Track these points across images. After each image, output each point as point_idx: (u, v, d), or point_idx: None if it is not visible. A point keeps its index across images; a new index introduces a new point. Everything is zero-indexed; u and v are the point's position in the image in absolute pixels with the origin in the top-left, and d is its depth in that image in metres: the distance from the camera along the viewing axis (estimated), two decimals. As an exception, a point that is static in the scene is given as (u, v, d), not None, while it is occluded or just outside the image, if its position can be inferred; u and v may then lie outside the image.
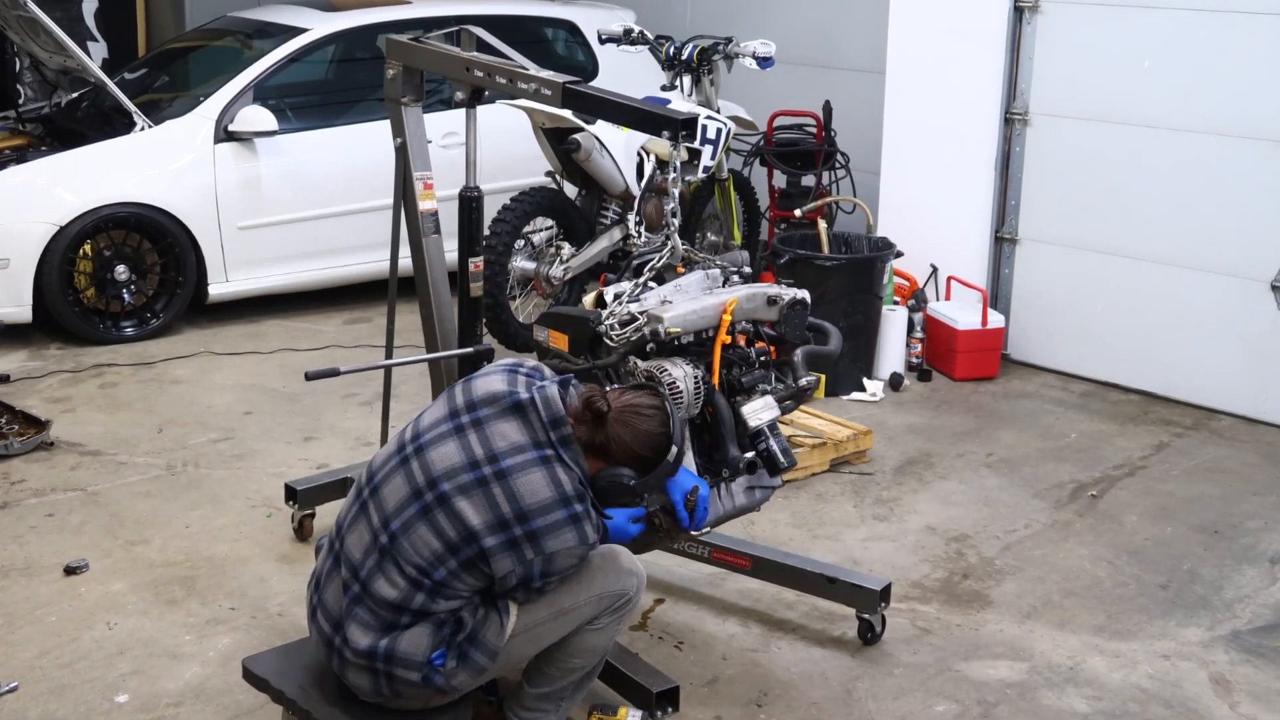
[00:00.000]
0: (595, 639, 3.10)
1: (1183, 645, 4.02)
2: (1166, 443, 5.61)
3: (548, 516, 2.85)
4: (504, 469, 2.87)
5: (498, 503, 2.85)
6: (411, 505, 2.91)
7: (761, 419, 3.47)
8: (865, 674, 3.82)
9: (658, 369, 3.33)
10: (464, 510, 2.86)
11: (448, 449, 2.92)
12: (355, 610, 2.95)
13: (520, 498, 2.85)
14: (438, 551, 2.87)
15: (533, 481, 2.86)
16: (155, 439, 5.40)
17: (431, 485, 2.90)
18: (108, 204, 6.44)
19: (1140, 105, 5.96)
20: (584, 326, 3.43)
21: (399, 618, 2.92)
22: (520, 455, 2.88)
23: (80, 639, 3.91)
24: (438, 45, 4.43)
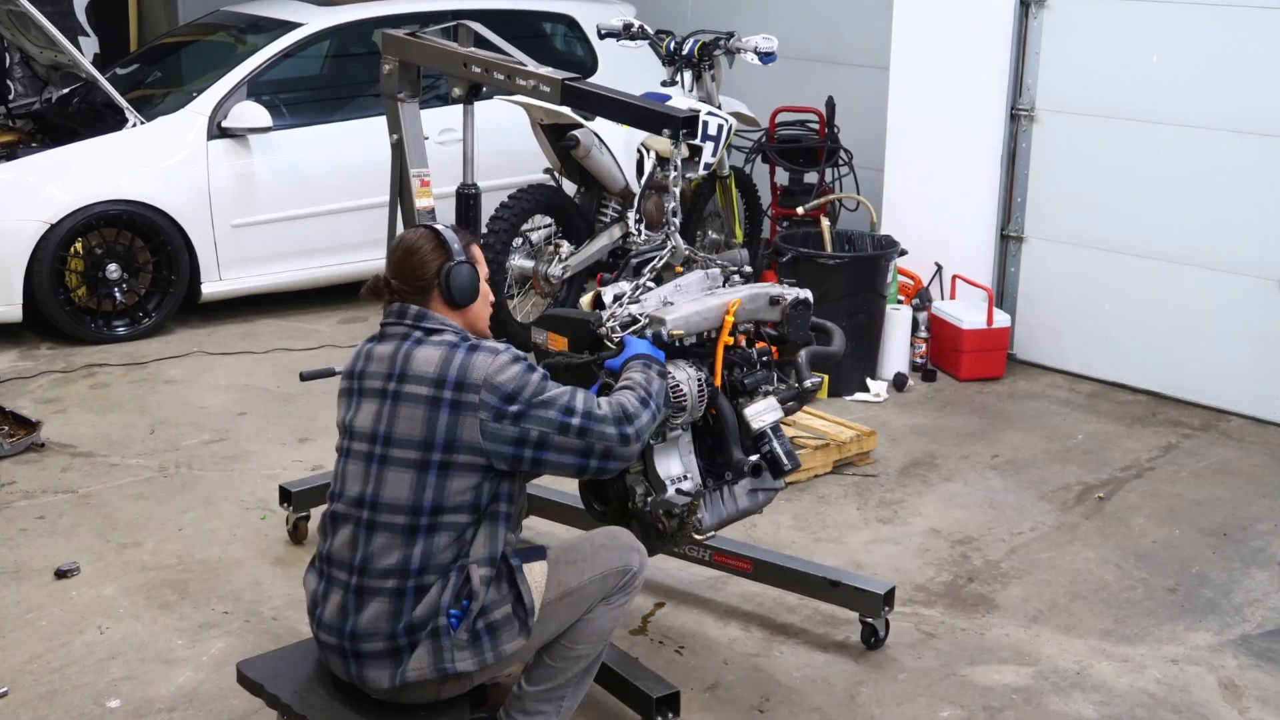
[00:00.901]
0: (601, 622, 3.11)
1: (1191, 650, 4.03)
2: (1175, 444, 5.61)
3: (453, 363, 2.95)
4: (399, 374, 3.00)
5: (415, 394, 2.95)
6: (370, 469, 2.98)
7: (765, 421, 3.47)
8: (869, 679, 3.83)
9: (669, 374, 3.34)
10: (402, 428, 2.94)
11: (363, 410, 3.05)
12: (362, 603, 2.95)
13: (424, 374, 2.95)
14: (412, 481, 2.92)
15: (421, 357, 2.99)
16: (147, 440, 5.41)
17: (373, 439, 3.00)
18: (99, 201, 6.45)
19: (1148, 101, 5.97)
20: (584, 329, 3.44)
21: (417, 520, 2.92)
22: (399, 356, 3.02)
23: (71, 643, 3.91)
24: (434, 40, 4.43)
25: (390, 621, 2.93)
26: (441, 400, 2.92)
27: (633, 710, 3.48)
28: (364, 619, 2.95)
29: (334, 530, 3.04)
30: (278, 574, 4.33)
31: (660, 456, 3.39)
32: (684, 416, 3.35)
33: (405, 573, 2.92)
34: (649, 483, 3.41)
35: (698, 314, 3.46)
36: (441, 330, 3.03)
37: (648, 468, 3.40)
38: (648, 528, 3.43)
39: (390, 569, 2.93)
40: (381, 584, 2.94)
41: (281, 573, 4.34)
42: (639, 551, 3.16)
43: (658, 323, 3.39)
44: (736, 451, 3.45)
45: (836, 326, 3.76)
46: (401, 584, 2.92)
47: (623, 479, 3.41)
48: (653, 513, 3.40)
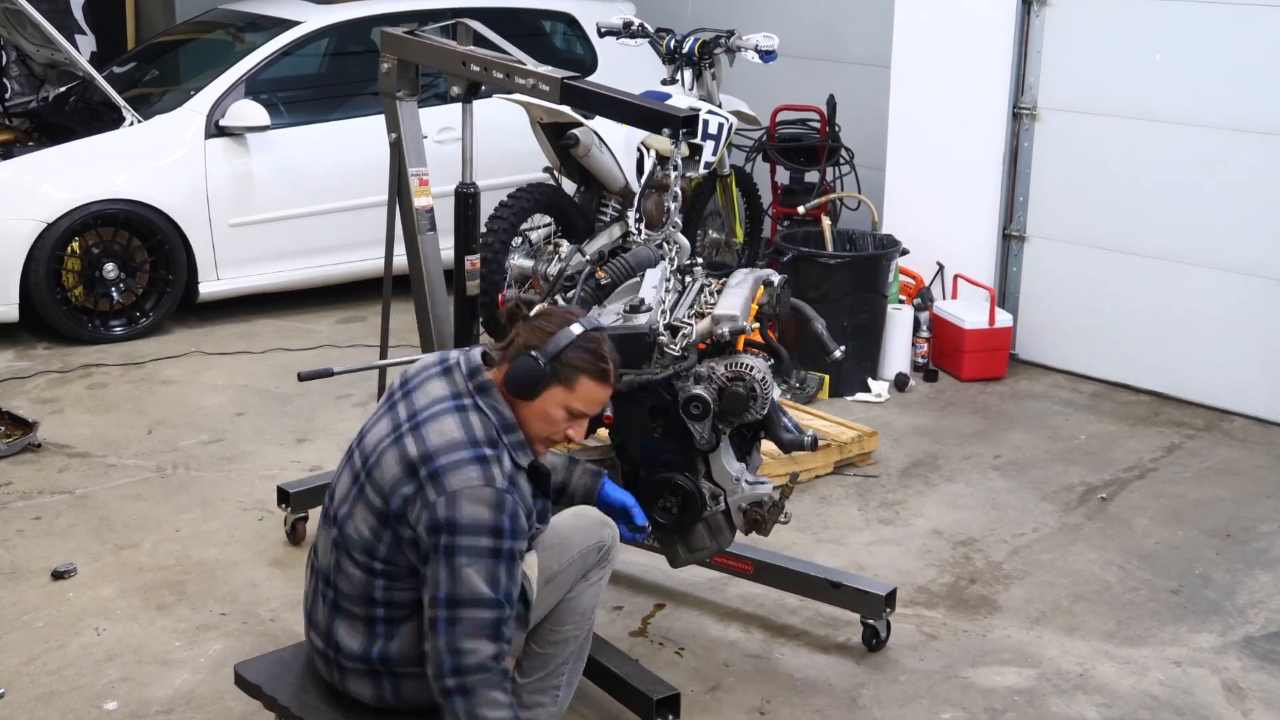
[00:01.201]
0: (582, 599, 3.14)
1: (1194, 651, 4.02)
2: (1178, 444, 5.61)
3: (452, 454, 2.78)
4: (419, 420, 2.86)
5: (408, 451, 2.82)
6: (353, 490, 2.94)
7: (773, 397, 3.53)
8: (870, 681, 3.82)
9: (743, 366, 3.37)
10: (383, 471, 2.85)
11: (379, 426, 2.95)
12: (336, 617, 2.97)
13: (427, 441, 2.81)
14: (373, 526, 2.87)
15: (443, 425, 2.83)
16: (145, 441, 5.40)
17: (365, 462, 2.93)
18: (96, 200, 6.45)
19: (1152, 100, 5.97)
20: (637, 342, 3.39)
21: (373, 611, 2.91)
22: (437, 405, 2.88)
23: (68, 645, 3.91)
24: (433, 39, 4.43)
25: (363, 645, 2.93)
26: (416, 476, 2.78)
27: (633, 712, 3.48)
28: (342, 636, 2.95)
29: (322, 530, 3.05)
30: (275, 575, 4.33)
31: (724, 457, 3.45)
32: (767, 407, 3.40)
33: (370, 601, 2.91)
34: (714, 484, 3.45)
35: (744, 306, 3.53)
36: (487, 416, 2.85)
37: (713, 470, 3.45)
38: (718, 528, 3.49)
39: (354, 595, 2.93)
40: (350, 607, 2.94)
41: (279, 574, 4.33)
42: (609, 526, 3.21)
43: (729, 319, 3.41)
44: (783, 433, 3.50)
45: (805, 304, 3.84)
46: (370, 612, 2.92)
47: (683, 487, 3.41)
48: (729, 510, 3.46)
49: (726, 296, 3.56)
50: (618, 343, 3.36)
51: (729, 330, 3.41)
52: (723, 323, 3.42)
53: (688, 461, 3.43)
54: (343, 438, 5.44)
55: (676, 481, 3.41)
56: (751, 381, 3.34)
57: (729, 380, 3.35)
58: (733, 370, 3.36)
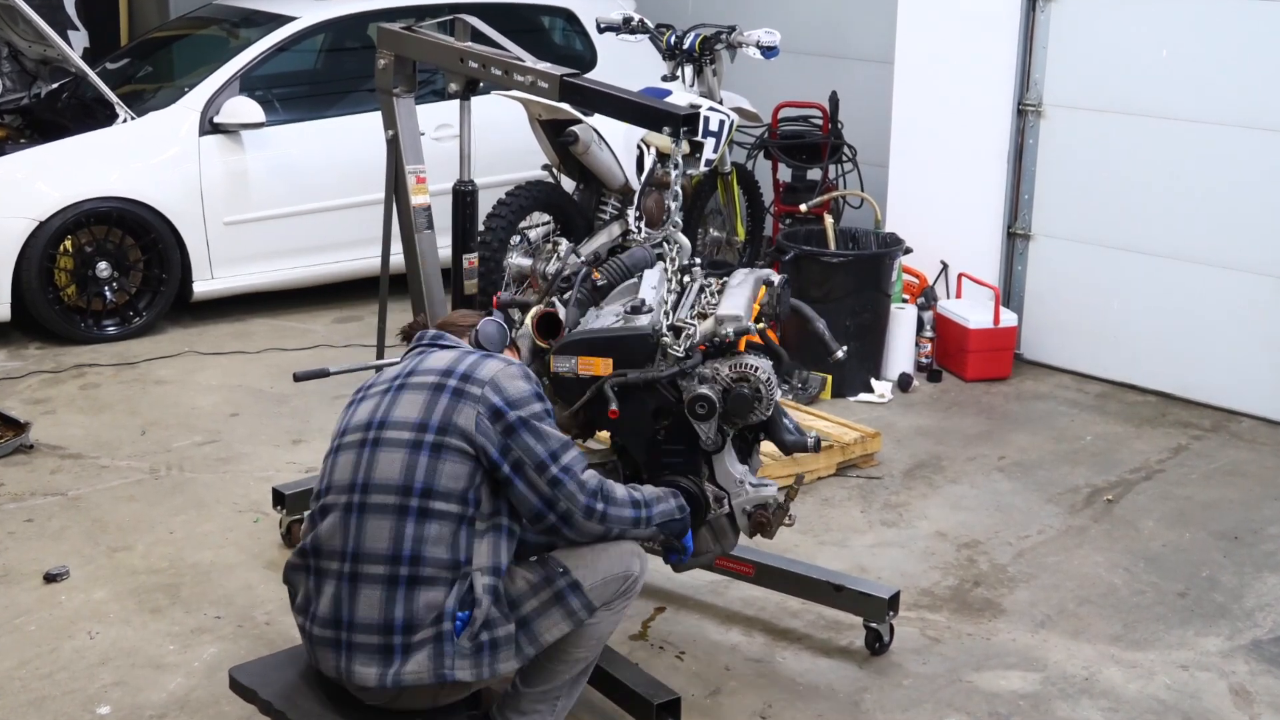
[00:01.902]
0: (600, 626, 3.12)
1: (1201, 655, 4.03)
2: (1185, 445, 5.62)
3: (466, 360, 3.05)
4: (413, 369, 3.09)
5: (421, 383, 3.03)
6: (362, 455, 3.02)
7: (775, 398, 3.52)
8: (873, 685, 3.83)
9: (748, 367, 3.37)
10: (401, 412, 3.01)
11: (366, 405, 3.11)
12: (356, 590, 2.94)
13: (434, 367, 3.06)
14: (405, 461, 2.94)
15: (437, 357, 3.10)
16: (138, 442, 5.41)
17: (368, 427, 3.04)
18: (89, 198, 6.45)
19: (1158, 96, 5.97)
20: (639, 344, 3.38)
21: (397, 569, 2.92)
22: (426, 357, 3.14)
23: (60, 649, 3.91)
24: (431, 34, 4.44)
25: (384, 610, 2.92)
26: (445, 387, 2.99)
27: (633, 717, 3.48)
28: (360, 607, 2.94)
29: (320, 519, 3.04)
30: (270, 578, 4.33)
31: (728, 459, 3.45)
32: (772, 408, 3.40)
33: (397, 558, 2.91)
34: (718, 487, 3.45)
35: (747, 306, 3.53)
36: (456, 346, 3.15)
37: (716, 472, 3.44)
38: (722, 531, 3.48)
39: (381, 554, 2.92)
40: (374, 570, 2.93)
41: (274, 576, 4.33)
42: (640, 557, 3.17)
43: (733, 320, 3.42)
44: (785, 435, 3.51)
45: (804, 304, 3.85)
46: (394, 571, 2.91)
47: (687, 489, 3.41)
48: (734, 513, 3.46)
49: (729, 297, 3.56)
50: (620, 344, 3.37)
51: (733, 331, 3.41)
52: (726, 323, 3.42)
53: (691, 464, 3.43)
54: (339, 439, 5.44)
55: (680, 484, 3.40)
56: (757, 382, 3.35)
57: (734, 381, 3.35)
58: (737, 371, 3.36)
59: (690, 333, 3.39)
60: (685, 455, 3.41)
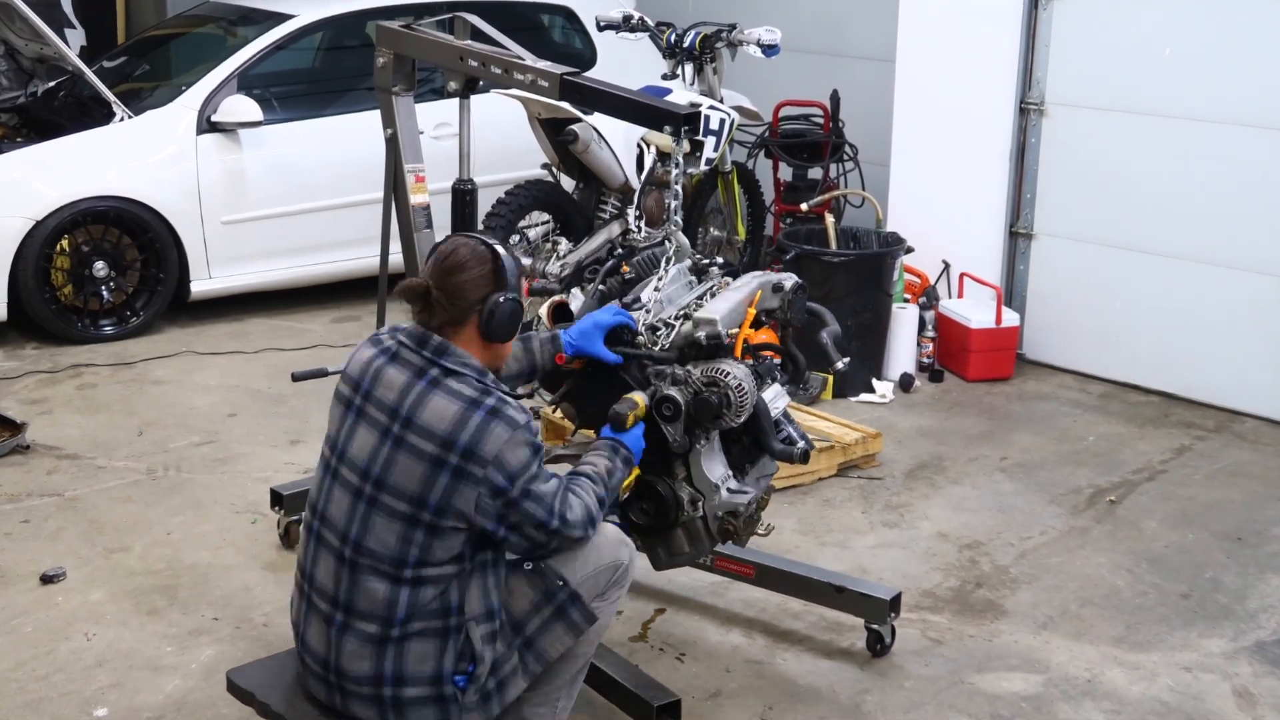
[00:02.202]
0: (597, 621, 3.11)
1: (1205, 657, 4.03)
2: (1188, 446, 5.62)
3: (469, 426, 2.85)
4: (406, 416, 2.90)
5: (420, 448, 2.86)
6: (359, 508, 2.93)
7: (778, 407, 3.51)
8: (874, 687, 3.83)
9: (718, 371, 3.34)
10: (400, 478, 2.88)
11: (360, 436, 2.96)
12: (344, 640, 2.94)
13: (435, 430, 2.86)
14: (401, 533, 2.88)
15: (436, 408, 2.88)
16: (135, 442, 5.41)
17: (365, 477, 2.93)
18: (86, 198, 6.45)
19: (1162, 95, 5.97)
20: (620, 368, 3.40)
21: (389, 629, 2.91)
22: (411, 393, 2.92)
23: (57, 650, 3.91)
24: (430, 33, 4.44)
25: (374, 664, 2.92)
26: (446, 464, 2.85)
27: (633, 719, 3.48)
28: (346, 656, 2.94)
29: (316, 552, 3.01)
30: (269, 579, 4.33)
31: (705, 461, 3.41)
32: (744, 414, 3.34)
33: (390, 620, 2.91)
34: (694, 489, 3.42)
35: (733, 311, 3.49)
36: (462, 374, 2.92)
37: (693, 474, 3.41)
38: (696, 535, 3.45)
39: (373, 614, 2.91)
40: (364, 627, 2.92)
41: (272, 578, 4.34)
42: (627, 545, 3.18)
43: (707, 324, 3.39)
44: (774, 442, 3.48)
45: (823, 308, 3.81)
46: (385, 632, 2.91)
47: (658, 491, 3.40)
48: (708, 518, 3.42)
49: (718, 300, 3.54)
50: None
51: (704, 336, 3.37)
52: (701, 327, 3.40)
53: (665, 465, 3.40)
54: (337, 439, 5.44)
55: (654, 485, 3.39)
56: (725, 389, 3.29)
57: (703, 385, 3.32)
58: (708, 375, 3.33)
59: (666, 333, 3.38)
60: (659, 455, 3.38)
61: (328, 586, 2.97)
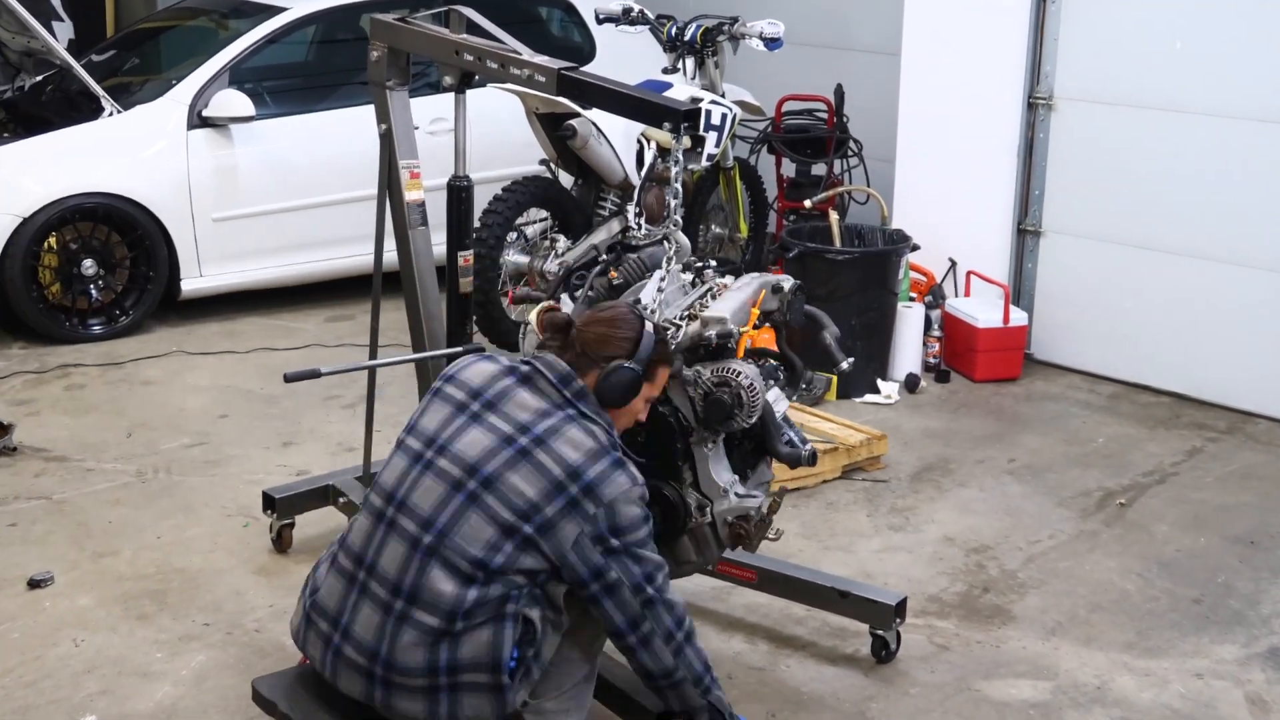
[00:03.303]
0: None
1: (1217, 663, 4.03)
2: (1199, 448, 5.62)
3: (597, 465, 2.95)
4: (539, 435, 2.97)
5: (547, 467, 2.93)
6: (454, 499, 2.94)
7: (780, 410, 3.51)
8: (879, 694, 3.83)
9: (730, 372, 3.34)
10: (517, 484, 2.92)
11: (473, 436, 2.99)
12: (402, 629, 2.93)
13: (565, 456, 2.94)
14: (492, 539, 2.90)
15: (572, 438, 2.97)
16: (125, 444, 5.41)
17: (472, 472, 2.95)
18: (74, 194, 6.45)
19: (1172, 89, 5.97)
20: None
21: (453, 622, 2.91)
22: (548, 419, 3.00)
23: (45, 656, 3.91)
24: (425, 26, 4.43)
25: (428, 655, 2.92)
26: (565, 490, 2.91)
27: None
28: (401, 648, 2.92)
29: (385, 538, 3.00)
30: (261, 584, 4.33)
31: (713, 465, 3.42)
32: (755, 415, 3.36)
33: (453, 615, 2.91)
34: (701, 494, 3.42)
35: (738, 310, 3.51)
36: (596, 421, 3.03)
37: (700, 479, 3.42)
38: (704, 541, 3.45)
39: (437, 606, 2.91)
40: (426, 619, 2.92)
41: (265, 583, 4.34)
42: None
43: (718, 322, 3.40)
44: (780, 444, 3.49)
45: (818, 310, 3.82)
46: (448, 626, 2.91)
47: (665, 496, 3.40)
48: (717, 523, 3.42)
49: (723, 299, 3.55)
50: None
51: (715, 334, 3.37)
52: (711, 325, 3.40)
53: (671, 468, 3.40)
54: (330, 441, 5.45)
55: (661, 490, 3.39)
56: (737, 388, 3.31)
57: (714, 386, 3.33)
58: (719, 375, 3.34)
59: (674, 334, 3.38)
60: (664, 460, 3.39)
61: (391, 573, 2.96)
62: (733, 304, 3.50)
